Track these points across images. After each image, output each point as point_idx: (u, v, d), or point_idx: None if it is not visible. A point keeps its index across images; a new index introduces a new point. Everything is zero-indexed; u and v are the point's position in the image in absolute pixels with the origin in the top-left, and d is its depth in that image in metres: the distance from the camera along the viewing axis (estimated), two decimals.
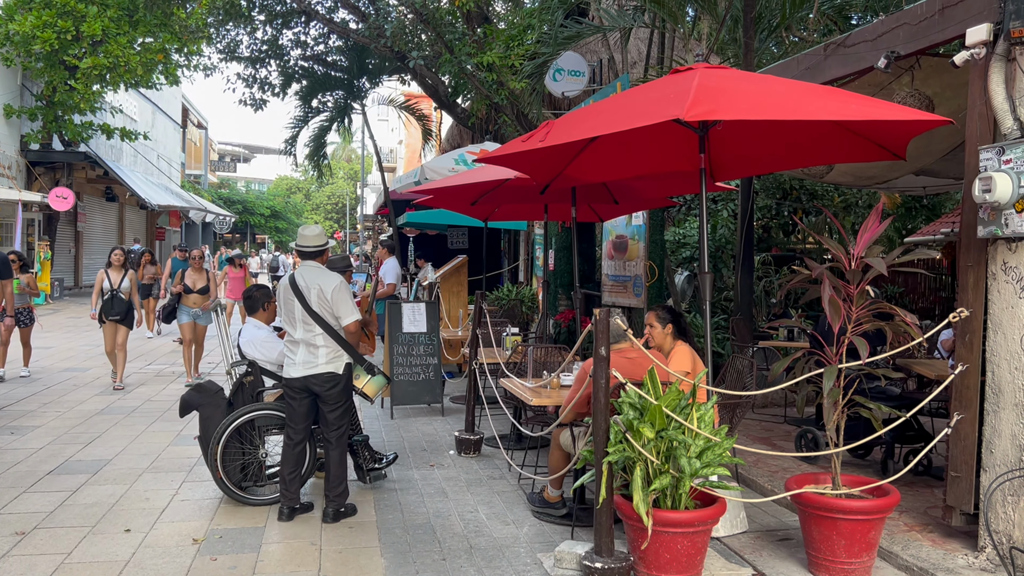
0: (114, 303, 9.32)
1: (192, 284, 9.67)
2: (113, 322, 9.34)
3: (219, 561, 4.28)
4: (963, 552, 4.19)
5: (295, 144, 19.88)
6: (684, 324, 5.09)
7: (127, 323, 9.45)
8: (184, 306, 9.66)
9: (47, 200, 18.24)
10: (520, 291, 11.80)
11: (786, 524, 4.91)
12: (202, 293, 9.63)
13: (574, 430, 4.86)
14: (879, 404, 4.23)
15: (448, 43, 12.00)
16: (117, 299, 9.33)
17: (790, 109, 3.86)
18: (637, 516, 3.78)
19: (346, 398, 5.07)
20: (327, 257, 5.19)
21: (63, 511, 5.03)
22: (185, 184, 36.82)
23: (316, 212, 60.40)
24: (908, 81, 5.57)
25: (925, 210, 13.22)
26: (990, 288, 4.09)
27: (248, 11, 14.94)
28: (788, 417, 7.61)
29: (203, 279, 9.69)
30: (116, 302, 9.33)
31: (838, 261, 4.21)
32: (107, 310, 9.29)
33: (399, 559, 4.34)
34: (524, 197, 7.26)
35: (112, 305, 9.29)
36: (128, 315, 9.46)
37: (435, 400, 8.26)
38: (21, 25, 16.46)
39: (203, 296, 9.63)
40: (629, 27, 10.03)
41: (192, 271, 9.77)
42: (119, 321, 9.36)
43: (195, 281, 9.68)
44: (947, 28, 4.30)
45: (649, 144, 5.43)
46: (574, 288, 6.97)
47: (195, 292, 9.62)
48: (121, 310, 9.35)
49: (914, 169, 7.39)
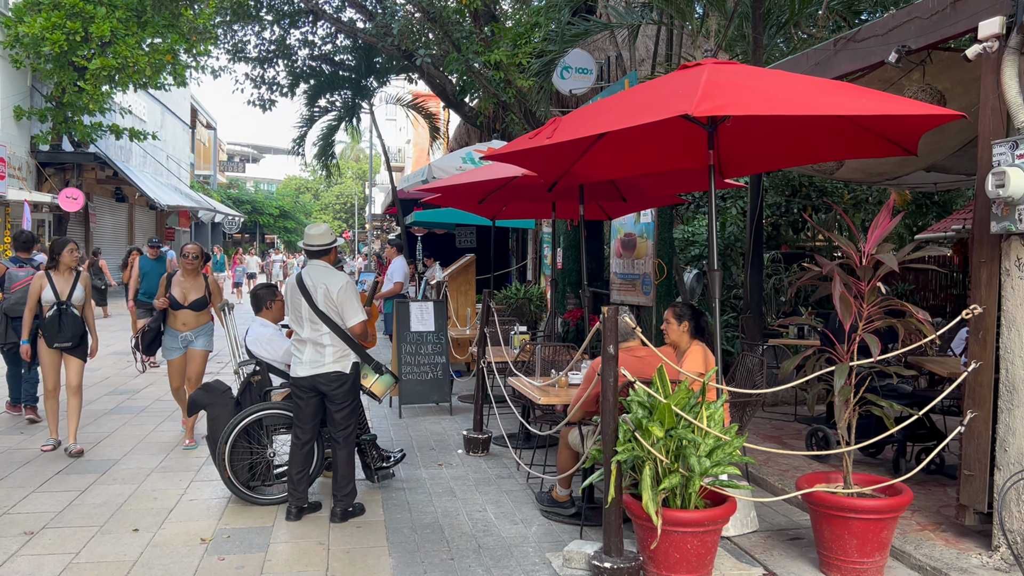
0: (62, 322, 6.34)
1: (182, 296, 6.59)
2: (60, 351, 6.42)
3: (227, 561, 4.28)
4: (977, 551, 4.14)
5: (303, 144, 19.91)
6: (703, 324, 5.02)
7: (80, 353, 6.52)
8: (172, 329, 6.64)
9: (57, 201, 18.31)
10: (528, 290, 11.79)
11: (797, 523, 4.87)
12: (197, 309, 6.64)
13: (582, 429, 4.84)
14: (891, 402, 4.19)
15: (455, 41, 11.98)
16: (67, 316, 6.37)
17: (800, 104, 3.82)
18: (646, 515, 3.75)
19: (353, 397, 5.06)
20: (335, 256, 5.18)
21: (71, 511, 5.03)
22: (194, 184, 36.93)
23: (325, 212, 60.52)
24: (919, 76, 5.51)
25: (936, 207, 13.14)
26: (1003, 284, 4.05)
27: (256, 11, 14.97)
28: (799, 415, 7.57)
29: (199, 288, 6.68)
30: (66, 321, 6.36)
31: (849, 258, 4.17)
32: (51, 333, 6.33)
33: (407, 558, 4.32)
34: (532, 195, 7.23)
35: (59, 325, 6.32)
36: (83, 341, 6.55)
37: (443, 399, 8.25)
38: (30, 27, 16.53)
39: (199, 314, 6.68)
40: (637, 24, 9.99)
41: (184, 276, 6.67)
42: (70, 350, 6.43)
43: (187, 291, 6.62)
44: (959, 22, 4.25)
45: (657, 141, 5.39)
46: (582, 286, 6.93)
47: (186, 307, 6.60)
48: (73, 333, 6.40)
49: (925, 165, 7.33)
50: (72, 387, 6.43)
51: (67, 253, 6.50)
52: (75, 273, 6.56)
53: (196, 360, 6.73)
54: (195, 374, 6.71)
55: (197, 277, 6.72)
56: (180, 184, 31.81)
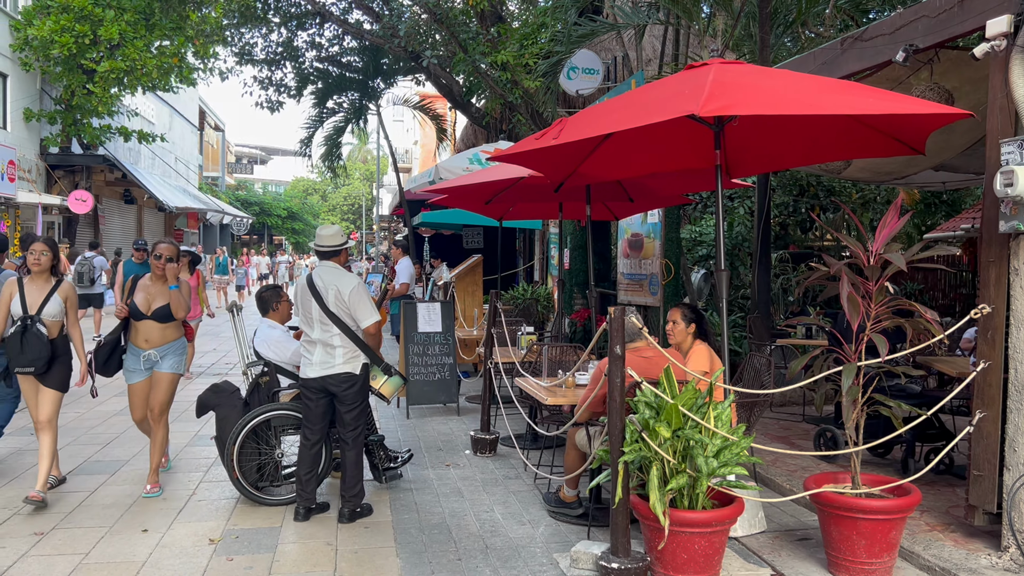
0: (25, 343, 5.03)
1: (146, 303, 5.29)
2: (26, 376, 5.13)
3: (235, 561, 4.29)
4: (986, 552, 4.12)
5: (310, 145, 19.97)
6: (706, 327, 5.04)
7: (54, 381, 5.18)
8: (133, 346, 5.37)
9: (66, 203, 18.42)
10: (535, 290, 11.79)
11: (805, 524, 4.86)
12: (162, 320, 5.30)
13: (590, 429, 4.84)
14: (899, 402, 4.18)
15: (462, 42, 11.99)
16: (31, 336, 5.05)
17: (807, 104, 3.81)
18: (654, 516, 3.75)
19: (363, 398, 5.07)
20: (346, 257, 5.18)
21: (81, 511, 5.05)
22: (203, 186, 37.05)
23: (332, 213, 60.67)
24: (927, 75, 5.49)
25: (945, 206, 13.08)
26: (1012, 284, 4.03)
27: (263, 13, 15.01)
28: (807, 416, 7.54)
29: (165, 294, 5.34)
30: (29, 341, 5.04)
31: (856, 258, 4.15)
32: (12, 354, 5.06)
33: (415, 559, 4.33)
34: (538, 196, 7.24)
35: (23, 346, 5.03)
36: (56, 366, 5.19)
37: (451, 400, 8.25)
38: (40, 30, 16.65)
39: (166, 328, 5.35)
40: (644, 24, 9.97)
41: (152, 280, 5.38)
42: (39, 376, 5.13)
43: (152, 297, 5.32)
44: (967, 20, 4.23)
45: (664, 141, 5.39)
46: (589, 287, 6.94)
47: (149, 318, 5.28)
48: (37, 356, 5.05)
49: (933, 164, 7.30)
50: (41, 421, 5.15)
51: (29, 256, 5.16)
52: (55, 281, 5.24)
53: (161, 386, 5.37)
54: (159, 403, 5.38)
55: (164, 283, 5.41)
56: (188, 186, 31.92)
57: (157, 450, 5.46)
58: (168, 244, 5.50)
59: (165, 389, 5.41)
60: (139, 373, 5.42)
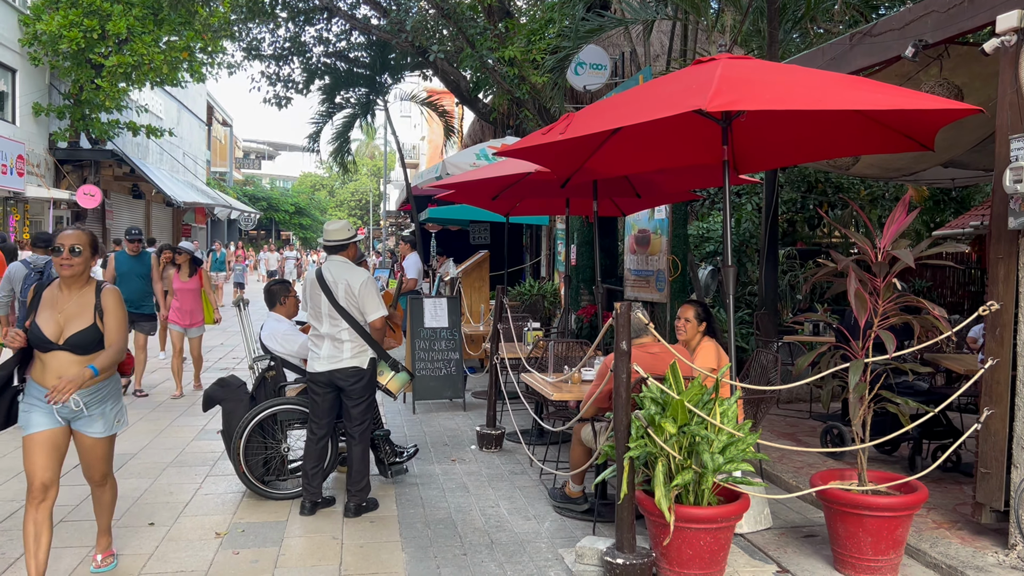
0: None
1: (55, 325, 3.57)
2: None
3: (241, 555, 4.31)
4: (993, 550, 4.11)
5: (318, 140, 20.01)
6: (714, 325, 5.05)
7: None
8: (34, 384, 3.61)
9: (75, 198, 18.48)
10: (542, 286, 11.78)
11: (811, 521, 4.85)
12: (81, 351, 3.58)
13: (595, 425, 4.83)
14: (906, 399, 4.16)
15: (469, 38, 11.99)
16: None
17: (815, 99, 3.79)
18: (659, 512, 3.74)
19: (370, 393, 5.08)
20: (354, 251, 5.19)
21: (88, 505, 5.05)
22: (210, 181, 37.15)
23: (340, 209, 60.76)
24: (936, 71, 5.46)
25: (954, 203, 13.02)
26: (1021, 281, 4.01)
27: (272, 8, 15.03)
28: (813, 413, 7.52)
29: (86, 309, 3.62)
30: None
31: (864, 254, 4.14)
32: None
33: (420, 553, 4.34)
34: (545, 191, 7.22)
35: None
36: None
37: (457, 395, 8.26)
38: (48, 25, 16.69)
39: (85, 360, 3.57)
40: (652, 19, 9.94)
41: (62, 287, 3.65)
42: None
43: (65, 316, 3.60)
44: (977, 15, 4.21)
45: (671, 136, 5.37)
46: (596, 283, 6.92)
47: (61, 348, 3.56)
48: None
49: (942, 161, 7.26)
50: None
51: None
52: None
53: (95, 453, 3.75)
54: (98, 472, 3.83)
55: (85, 290, 3.67)
56: (196, 181, 32.00)
57: (105, 510, 4.04)
58: (74, 230, 3.66)
59: (101, 457, 3.78)
60: (39, 424, 3.57)
